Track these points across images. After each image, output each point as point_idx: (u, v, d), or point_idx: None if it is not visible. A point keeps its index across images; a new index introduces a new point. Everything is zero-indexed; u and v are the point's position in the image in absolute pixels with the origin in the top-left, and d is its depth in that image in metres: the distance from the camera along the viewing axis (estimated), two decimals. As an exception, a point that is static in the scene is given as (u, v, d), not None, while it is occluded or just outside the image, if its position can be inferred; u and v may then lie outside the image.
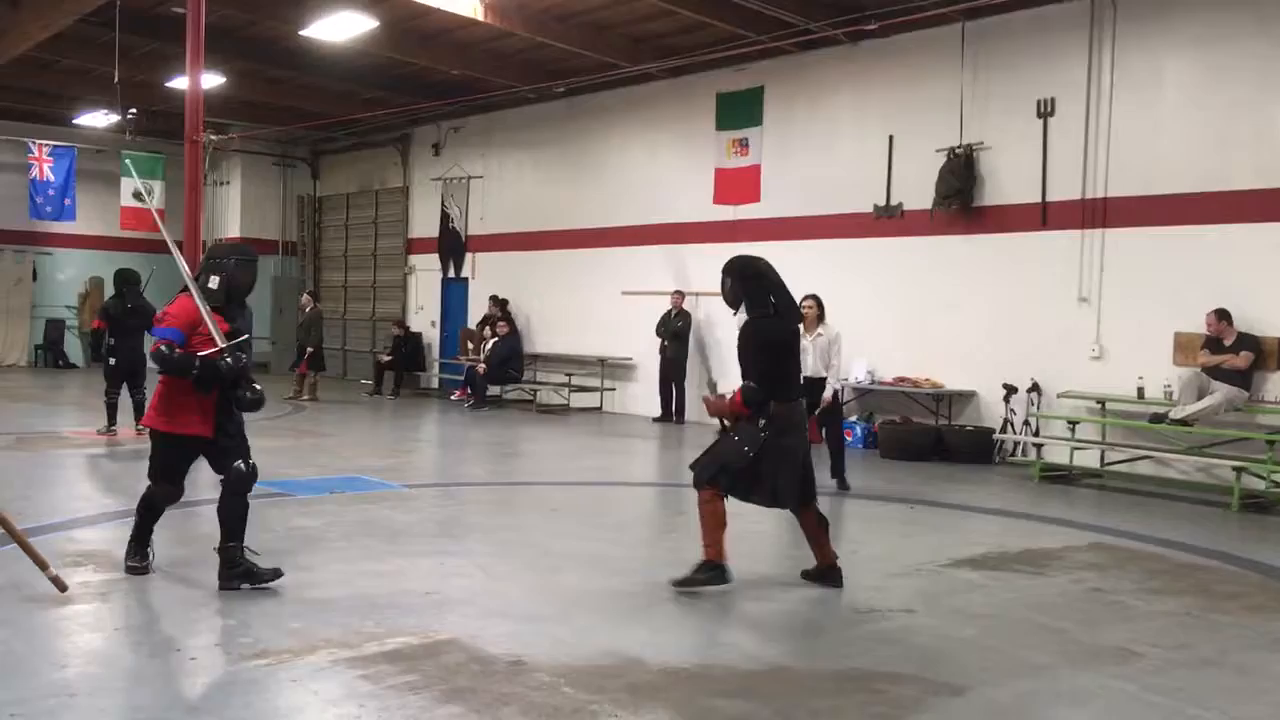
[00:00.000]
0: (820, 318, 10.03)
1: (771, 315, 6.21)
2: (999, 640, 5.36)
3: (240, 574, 5.79)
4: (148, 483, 6.05)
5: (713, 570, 6.05)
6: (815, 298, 9.96)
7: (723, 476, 6.05)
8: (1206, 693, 4.63)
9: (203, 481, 9.75)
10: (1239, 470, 9.69)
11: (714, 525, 6.08)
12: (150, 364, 6.19)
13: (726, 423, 6.40)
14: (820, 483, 6.54)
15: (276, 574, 5.86)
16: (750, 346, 6.11)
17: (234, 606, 5.49)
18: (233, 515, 5.85)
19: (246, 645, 4.83)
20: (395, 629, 5.12)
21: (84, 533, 7.28)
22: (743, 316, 6.25)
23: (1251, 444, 10.04)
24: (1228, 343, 10.29)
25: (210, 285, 5.86)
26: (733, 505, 6.15)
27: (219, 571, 5.82)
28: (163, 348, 5.60)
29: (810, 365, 9.76)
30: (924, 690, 4.52)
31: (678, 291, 15.29)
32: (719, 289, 6.51)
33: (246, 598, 5.67)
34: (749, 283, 6.28)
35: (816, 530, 6.28)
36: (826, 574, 6.31)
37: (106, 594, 5.77)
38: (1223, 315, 10.30)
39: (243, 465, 5.89)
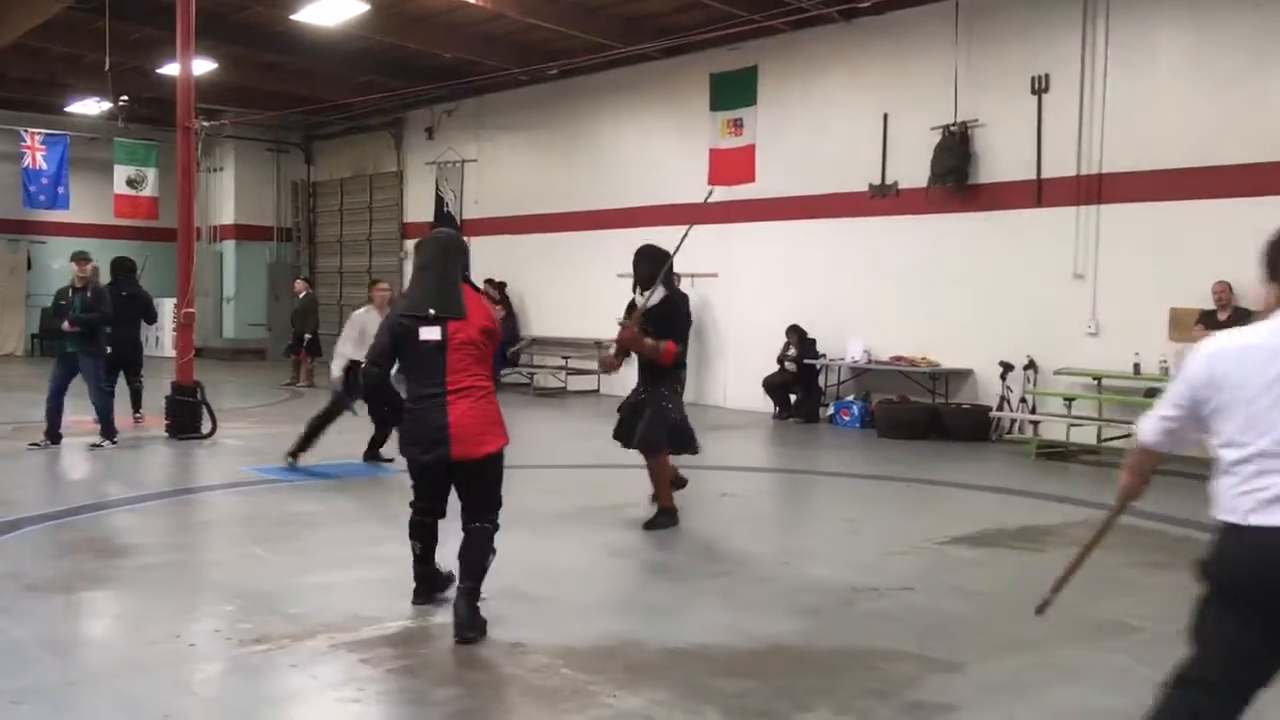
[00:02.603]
0: None
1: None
2: (996, 616, 5.39)
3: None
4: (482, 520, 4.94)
5: (671, 514, 7.22)
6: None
7: (671, 438, 7.19)
8: (1202, 666, 4.65)
9: (203, 471, 9.77)
10: (1235, 444, 9.69)
11: (668, 478, 7.31)
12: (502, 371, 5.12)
13: (616, 359, 7.48)
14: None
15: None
16: (680, 316, 7.25)
17: (233, 594, 5.50)
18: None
19: (246, 631, 4.84)
20: (394, 613, 5.13)
21: (83, 520, 7.29)
22: (657, 294, 7.22)
23: (1247, 418, 10.05)
24: (1223, 317, 10.29)
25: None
26: (731, 485, 6.14)
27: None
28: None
29: None
30: (921, 667, 4.54)
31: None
32: (713, 270, 6.87)
33: (245, 584, 5.68)
34: (659, 265, 7.28)
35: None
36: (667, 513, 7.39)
37: (105, 581, 5.79)
38: (1230, 286, 10.31)
39: None
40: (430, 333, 4.81)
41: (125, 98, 19.17)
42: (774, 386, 14.12)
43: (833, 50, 14.09)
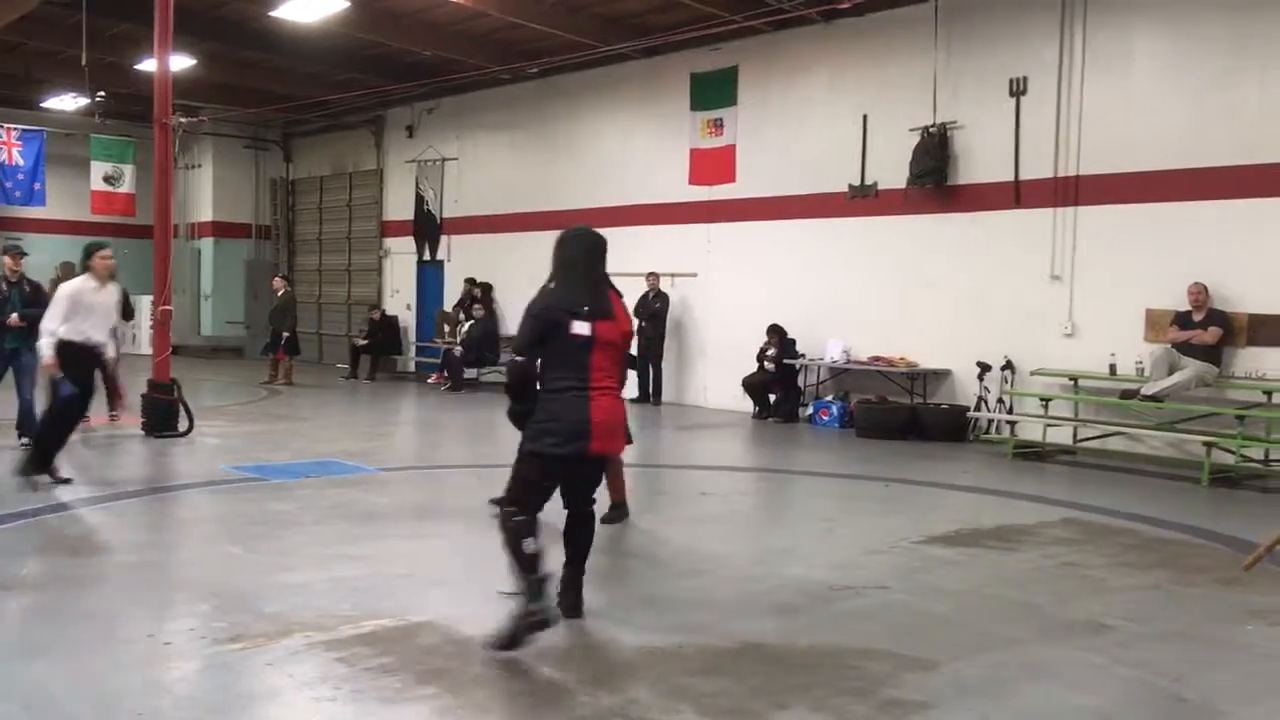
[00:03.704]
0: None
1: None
2: (971, 615, 5.41)
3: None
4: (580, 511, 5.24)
5: (624, 507, 7.33)
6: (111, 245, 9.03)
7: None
8: (1174, 664, 4.69)
9: (179, 469, 9.70)
10: (1209, 445, 9.78)
11: (622, 472, 7.38)
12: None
13: None
14: None
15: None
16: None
17: (208, 592, 5.47)
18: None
19: (221, 630, 4.82)
20: (371, 612, 5.11)
21: (58, 518, 7.23)
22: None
23: (1221, 419, 10.15)
24: (1198, 318, 10.38)
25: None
26: (710, 484, 6.13)
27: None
28: None
29: (102, 327, 8.46)
30: (897, 665, 4.56)
31: (652, 273, 15.28)
32: (693, 270, 6.74)
33: (220, 583, 5.65)
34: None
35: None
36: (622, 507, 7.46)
37: (79, 580, 5.75)
38: (1205, 288, 10.40)
39: None
40: (582, 328, 4.79)
41: (102, 94, 19.00)
42: (754, 386, 14.15)
43: (813, 51, 14.12)
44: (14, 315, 9.98)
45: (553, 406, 4.82)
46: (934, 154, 12.60)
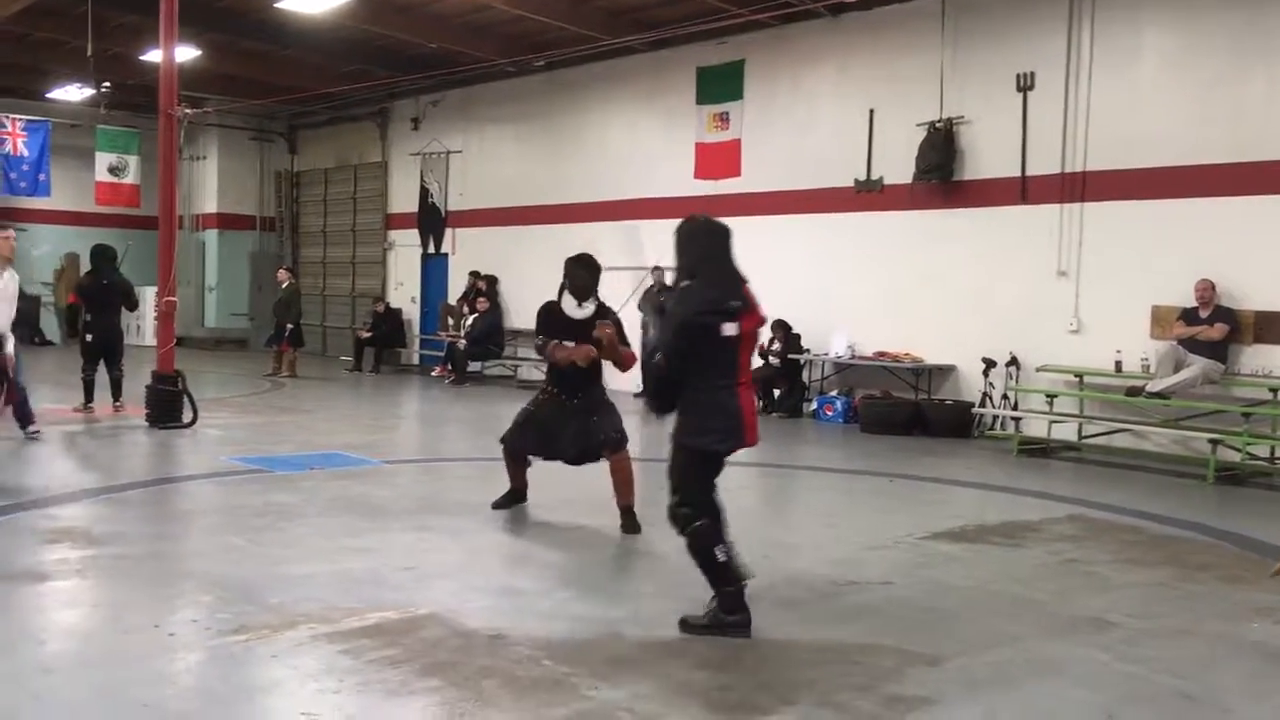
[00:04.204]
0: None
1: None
2: (976, 611, 5.40)
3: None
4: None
5: (634, 516, 6.95)
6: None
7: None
8: (1179, 661, 4.68)
9: (183, 461, 9.70)
10: (1215, 442, 9.77)
11: (631, 479, 7.15)
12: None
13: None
14: None
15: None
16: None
17: (212, 584, 5.47)
18: None
19: (225, 621, 4.81)
20: (375, 604, 5.11)
21: (61, 510, 7.24)
22: (591, 306, 7.37)
23: (1227, 416, 10.13)
24: (1204, 315, 10.35)
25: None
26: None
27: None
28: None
29: (4, 316, 8.27)
30: (901, 661, 4.55)
31: (657, 267, 15.22)
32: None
33: (224, 574, 5.65)
34: (597, 275, 7.49)
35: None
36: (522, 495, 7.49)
37: (84, 571, 5.75)
38: (1212, 285, 10.38)
39: None
40: (731, 329, 4.80)
41: (108, 84, 19.02)
42: (758, 381, 14.11)
43: (820, 45, 14.09)
44: None
45: (706, 402, 4.80)
46: (940, 149, 12.57)
